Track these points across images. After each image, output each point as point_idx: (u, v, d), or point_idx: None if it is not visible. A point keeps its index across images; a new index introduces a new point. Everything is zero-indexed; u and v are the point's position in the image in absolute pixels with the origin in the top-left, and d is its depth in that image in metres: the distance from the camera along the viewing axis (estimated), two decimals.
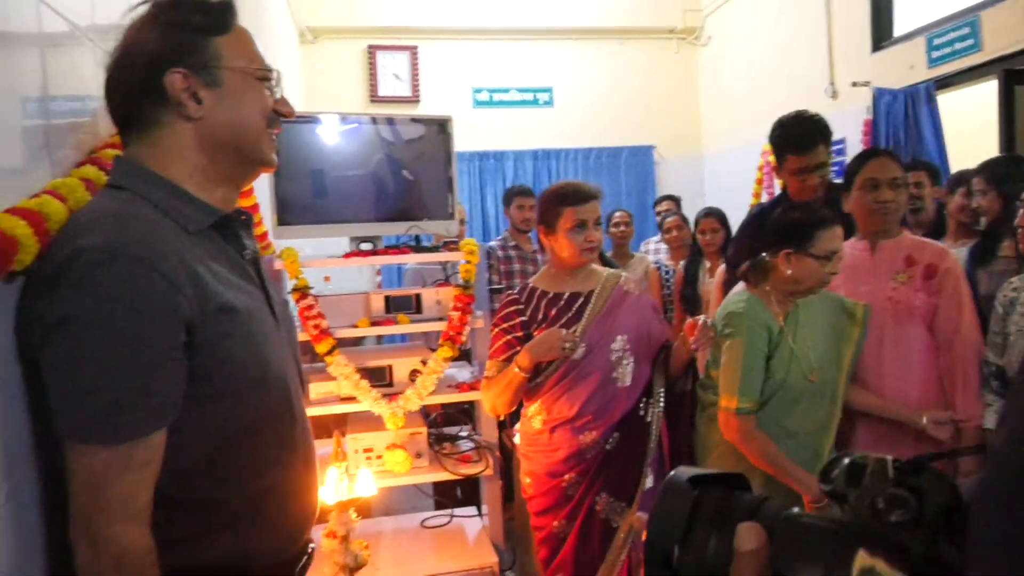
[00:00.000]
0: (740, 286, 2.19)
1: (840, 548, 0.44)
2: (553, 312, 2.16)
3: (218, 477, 1.03)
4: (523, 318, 2.18)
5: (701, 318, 2.04)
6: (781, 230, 2.08)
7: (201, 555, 1.01)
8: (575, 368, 2.12)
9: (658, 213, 5.03)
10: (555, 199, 2.16)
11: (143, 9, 1.04)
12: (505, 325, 2.20)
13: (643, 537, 0.53)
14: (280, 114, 1.13)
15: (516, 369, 2.05)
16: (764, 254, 2.09)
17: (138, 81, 1.00)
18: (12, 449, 0.95)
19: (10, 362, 0.96)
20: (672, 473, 0.55)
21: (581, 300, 2.18)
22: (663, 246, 4.94)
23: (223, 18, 1.06)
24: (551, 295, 2.20)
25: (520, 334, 2.16)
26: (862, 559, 0.43)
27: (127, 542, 0.92)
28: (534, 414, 2.19)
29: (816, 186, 2.52)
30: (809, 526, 0.47)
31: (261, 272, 1.17)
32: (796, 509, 0.50)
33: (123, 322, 0.90)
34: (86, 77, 1.26)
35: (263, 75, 1.10)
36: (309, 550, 1.22)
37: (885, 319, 2.15)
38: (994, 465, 0.35)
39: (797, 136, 2.55)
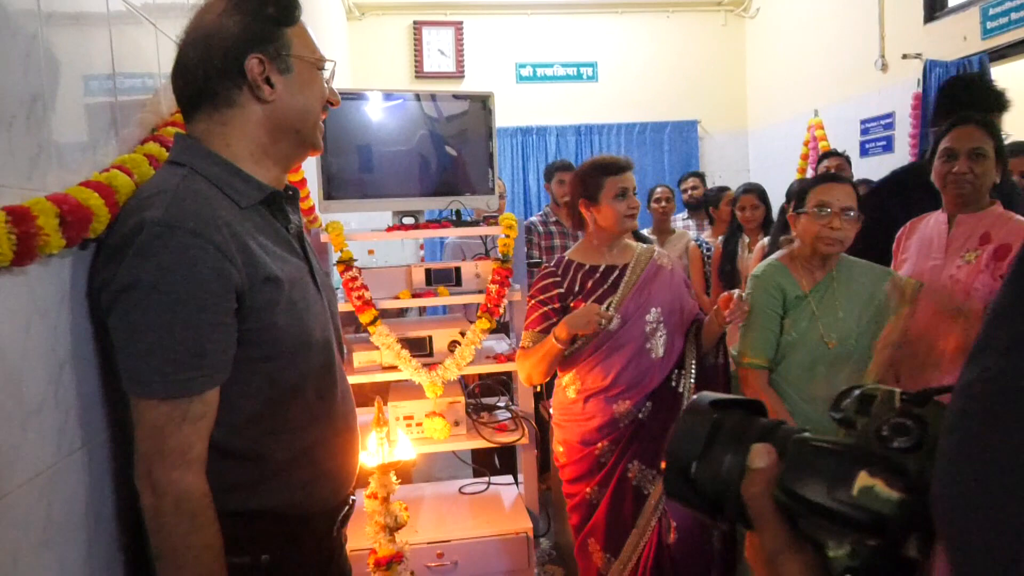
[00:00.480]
0: (776, 254, 2.28)
1: (844, 468, 0.48)
2: (590, 284, 2.22)
3: (266, 431, 1.12)
4: (560, 290, 2.24)
5: (736, 292, 2.07)
6: (791, 197, 2.17)
7: (253, 500, 1.10)
8: (610, 339, 2.17)
9: (684, 191, 4.98)
10: (595, 171, 2.24)
11: None
12: (542, 297, 2.26)
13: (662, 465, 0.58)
14: (329, 103, 1.22)
15: (553, 340, 2.12)
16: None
17: (219, 63, 1.09)
18: (86, 401, 1.05)
19: (85, 323, 1.06)
20: (695, 396, 0.59)
21: (617, 272, 2.23)
22: (691, 222, 4.92)
23: (292, 11, 1.14)
24: (587, 267, 2.26)
25: (557, 306, 2.22)
26: (863, 479, 0.47)
27: (184, 487, 1.02)
28: (568, 384, 2.26)
29: None
30: (817, 448, 0.51)
31: (304, 245, 1.25)
32: (807, 433, 0.53)
33: (181, 289, 0.99)
34: (147, 57, 1.34)
35: (321, 65, 1.19)
36: (351, 502, 1.31)
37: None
38: (965, 399, 0.37)
39: (989, 96, 2.47)
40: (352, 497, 1.32)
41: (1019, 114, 4.14)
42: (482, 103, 2.74)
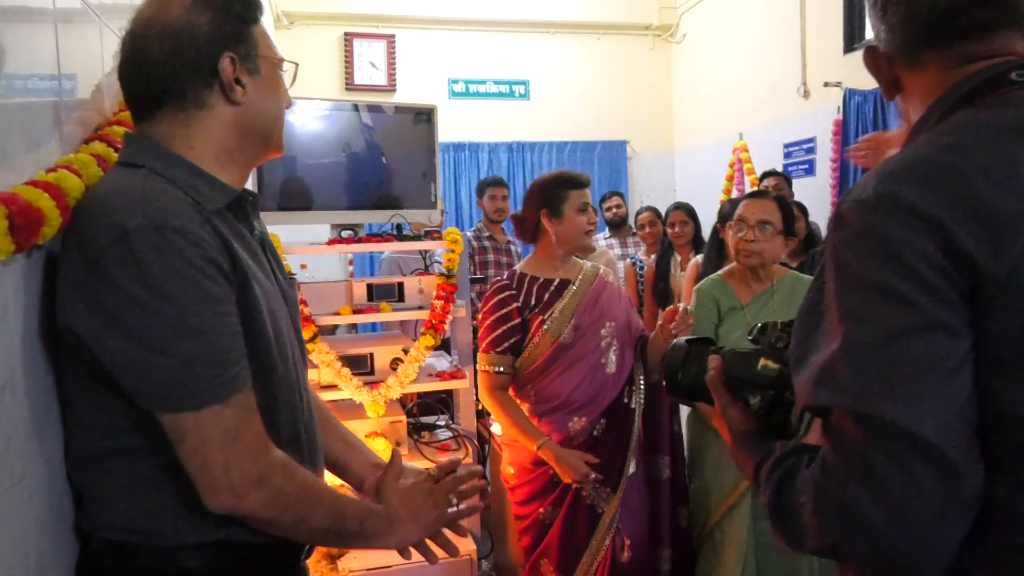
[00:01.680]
0: (722, 270, 2.44)
1: (754, 358, 0.98)
2: (546, 296, 2.20)
3: None
4: (517, 304, 2.21)
5: (681, 305, 2.11)
6: (725, 217, 2.33)
7: (222, 530, 1.00)
8: (567, 353, 2.15)
9: (607, 209, 5.02)
10: (560, 183, 2.26)
11: None
12: (501, 312, 2.22)
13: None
14: None
15: (534, 445, 2.12)
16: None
17: (190, 62, 1.01)
18: (29, 428, 0.92)
19: (31, 342, 0.95)
20: (674, 341, 1.14)
21: (571, 286, 2.22)
22: (614, 240, 4.97)
23: (256, 8, 1.09)
24: (542, 280, 2.24)
25: (517, 321, 2.18)
26: (763, 362, 0.97)
27: (279, 458, 1.01)
28: (520, 404, 2.22)
29: None
30: (741, 351, 1.01)
31: (267, 252, 1.17)
32: (735, 347, 1.03)
33: (194, 288, 0.92)
34: (92, 54, 1.24)
35: (282, 66, 1.14)
36: None
37: None
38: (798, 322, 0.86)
39: None
40: None
41: None
42: (426, 117, 2.69)
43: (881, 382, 0.71)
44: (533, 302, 2.20)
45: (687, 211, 4.14)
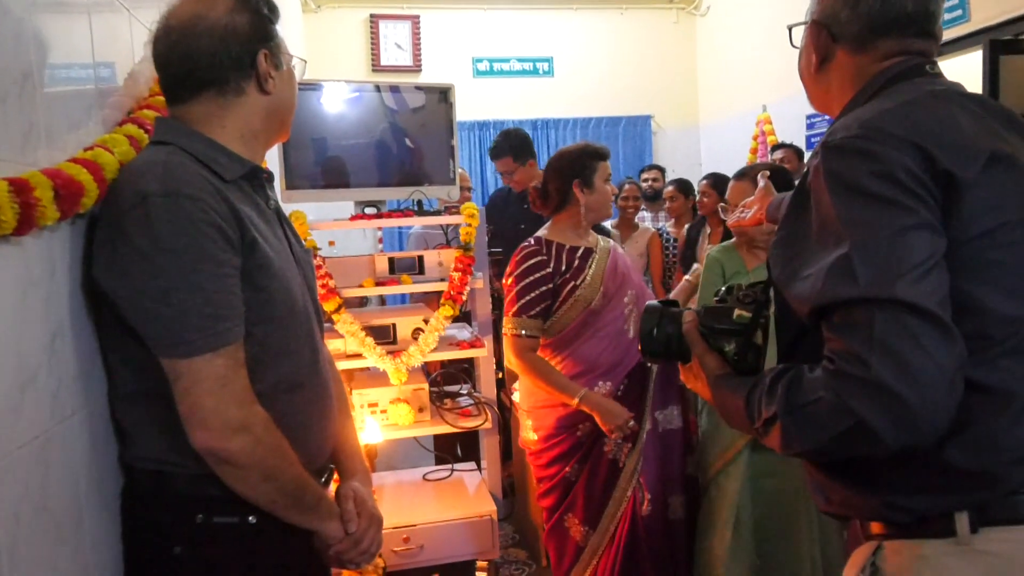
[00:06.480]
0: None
1: (727, 310, 1.10)
2: (576, 263, 2.30)
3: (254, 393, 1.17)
4: (548, 269, 2.28)
5: (695, 265, 2.23)
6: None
7: None
8: (595, 320, 2.27)
9: (644, 180, 5.14)
10: (589, 155, 2.36)
11: None
12: (534, 277, 2.27)
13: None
14: None
15: (576, 398, 2.18)
16: None
17: (235, 55, 1.17)
18: (76, 370, 1.08)
19: (75, 295, 1.09)
20: (648, 303, 1.23)
21: (593, 254, 2.34)
22: (647, 214, 5.06)
23: (276, 11, 1.25)
24: (568, 247, 2.33)
25: (549, 286, 2.26)
26: (738, 311, 1.09)
27: (263, 414, 1.11)
28: None
29: None
30: (713, 307, 1.13)
31: (282, 219, 1.32)
32: (707, 304, 1.15)
33: (194, 249, 1.05)
34: (122, 43, 1.37)
35: (291, 61, 1.30)
36: (330, 468, 1.37)
37: None
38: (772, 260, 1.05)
39: None
40: (331, 466, 1.37)
41: None
42: (442, 95, 2.79)
43: (890, 270, 0.86)
44: (564, 268, 2.28)
45: (710, 182, 4.18)
